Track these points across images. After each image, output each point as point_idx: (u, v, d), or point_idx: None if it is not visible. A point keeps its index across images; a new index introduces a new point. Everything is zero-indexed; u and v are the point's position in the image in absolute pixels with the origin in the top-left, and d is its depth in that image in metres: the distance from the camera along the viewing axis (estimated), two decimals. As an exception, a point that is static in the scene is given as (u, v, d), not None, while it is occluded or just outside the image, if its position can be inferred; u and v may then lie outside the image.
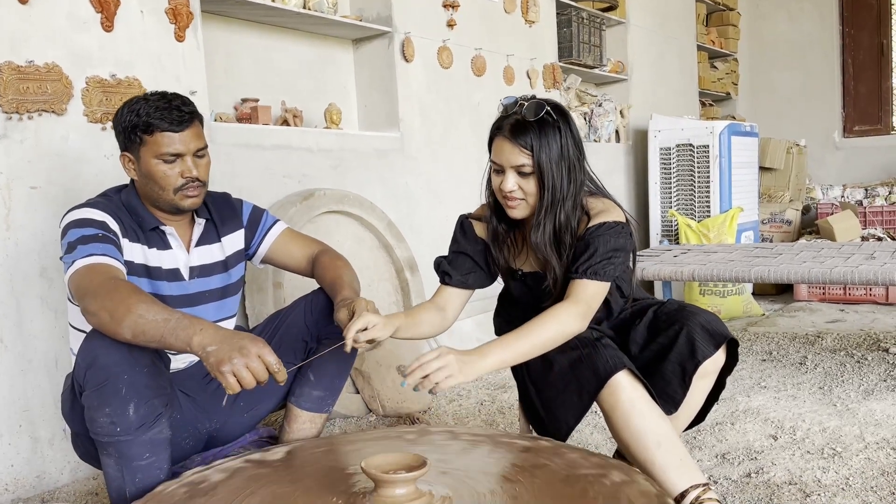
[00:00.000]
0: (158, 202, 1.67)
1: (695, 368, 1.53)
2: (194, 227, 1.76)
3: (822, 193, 5.74)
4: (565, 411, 1.50)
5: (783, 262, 2.72)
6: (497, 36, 3.81)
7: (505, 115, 1.56)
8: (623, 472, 1.35)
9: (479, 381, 3.09)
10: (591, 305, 1.53)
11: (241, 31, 2.97)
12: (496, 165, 1.56)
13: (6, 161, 2.05)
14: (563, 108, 1.56)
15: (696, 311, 1.58)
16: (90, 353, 1.46)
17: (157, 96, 1.64)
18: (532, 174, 1.52)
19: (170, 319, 1.39)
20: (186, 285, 1.73)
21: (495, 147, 1.56)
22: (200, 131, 1.68)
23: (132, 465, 1.48)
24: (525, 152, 1.50)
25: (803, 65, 6.35)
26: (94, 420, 1.46)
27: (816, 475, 1.92)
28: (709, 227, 4.21)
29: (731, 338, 1.58)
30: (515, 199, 1.55)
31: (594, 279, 1.52)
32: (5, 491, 2.05)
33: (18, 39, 2.06)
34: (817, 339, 3.40)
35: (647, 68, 5.14)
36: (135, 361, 1.45)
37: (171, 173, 1.63)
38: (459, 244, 1.73)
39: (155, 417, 1.49)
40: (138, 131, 1.62)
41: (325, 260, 1.86)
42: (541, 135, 1.50)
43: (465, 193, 3.59)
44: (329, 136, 3.02)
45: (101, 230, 1.57)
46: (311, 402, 1.81)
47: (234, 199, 1.88)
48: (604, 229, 1.55)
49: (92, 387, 1.45)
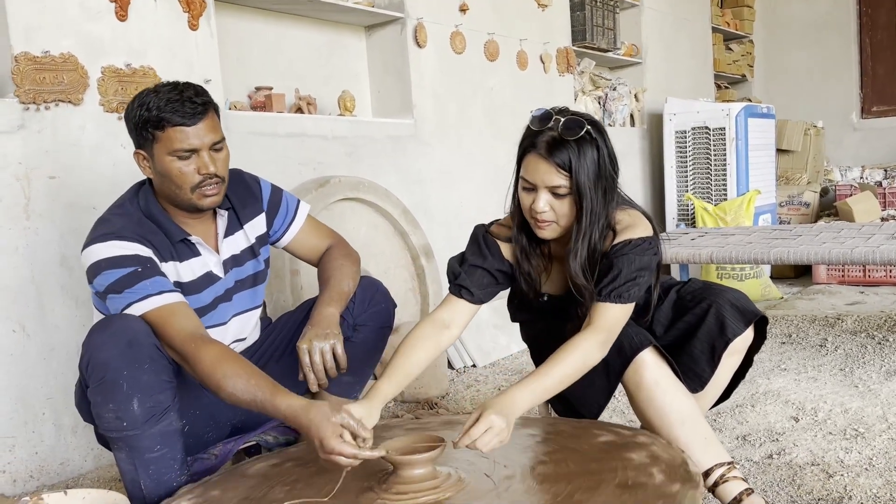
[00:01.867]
0: (176, 201, 1.59)
1: (725, 346, 1.52)
2: (217, 219, 1.69)
3: (841, 175, 5.68)
4: (594, 392, 1.49)
5: (802, 244, 2.69)
6: (510, 20, 3.78)
7: (538, 129, 1.43)
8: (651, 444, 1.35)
9: (495, 367, 3.09)
10: (612, 331, 1.45)
11: (253, 19, 2.96)
12: (527, 183, 1.44)
13: (24, 151, 2.06)
14: (599, 123, 1.47)
15: (723, 289, 1.57)
16: (90, 350, 1.44)
17: (167, 87, 1.54)
18: (567, 196, 1.42)
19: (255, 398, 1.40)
20: (224, 282, 1.69)
21: (528, 164, 1.43)
22: (216, 123, 1.57)
23: (144, 457, 1.47)
24: (562, 173, 1.40)
25: (820, 45, 6.26)
26: (101, 416, 1.46)
27: (839, 456, 1.91)
28: (726, 210, 4.18)
29: (762, 315, 1.56)
30: (547, 221, 1.45)
31: (617, 302, 1.44)
32: (30, 478, 2.08)
33: (33, 30, 2.07)
34: (837, 322, 3.37)
35: (661, 51, 5.09)
36: (134, 357, 1.42)
37: (188, 170, 1.53)
38: (485, 259, 1.60)
39: (162, 411, 1.47)
40: (149, 127, 1.51)
41: (329, 257, 1.82)
42: (579, 154, 1.39)
43: (479, 178, 3.58)
44: (343, 123, 3.02)
45: (139, 266, 1.50)
46: (340, 388, 1.78)
47: (248, 176, 1.79)
48: (629, 248, 1.46)
49: (94, 382, 1.44)
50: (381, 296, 1.83)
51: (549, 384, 1.38)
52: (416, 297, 3.10)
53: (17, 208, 2.05)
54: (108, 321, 1.48)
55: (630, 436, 1.42)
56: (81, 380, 1.52)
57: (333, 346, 1.59)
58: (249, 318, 1.80)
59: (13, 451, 2.05)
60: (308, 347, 1.57)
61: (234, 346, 1.75)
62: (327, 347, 1.58)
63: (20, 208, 2.05)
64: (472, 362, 3.14)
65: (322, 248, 1.85)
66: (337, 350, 1.59)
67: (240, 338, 1.78)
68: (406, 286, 3.08)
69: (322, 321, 1.62)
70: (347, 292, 1.73)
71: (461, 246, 1.74)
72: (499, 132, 3.71)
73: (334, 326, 1.62)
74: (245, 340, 1.80)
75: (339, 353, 1.59)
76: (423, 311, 3.08)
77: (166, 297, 1.50)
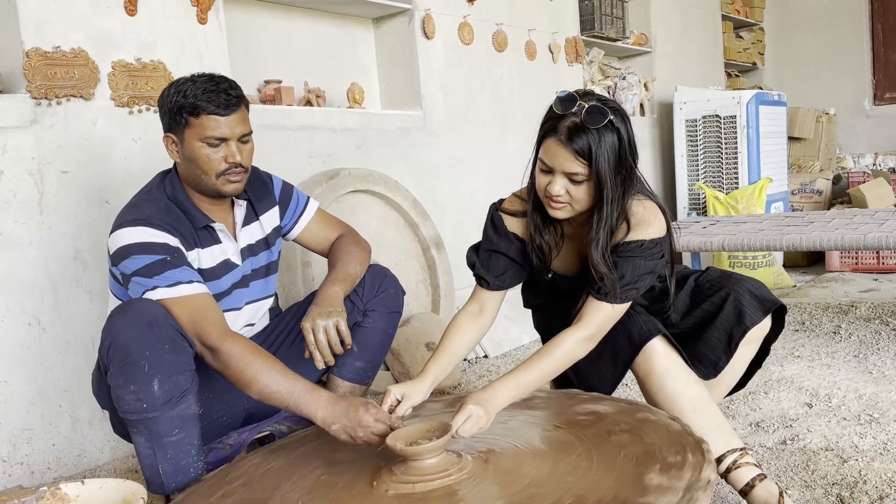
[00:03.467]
0: (200, 185, 1.64)
1: (742, 334, 1.52)
2: (235, 209, 1.75)
3: (853, 162, 5.63)
4: (600, 380, 1.49)
5: (815, 230, 2.67)
6: (518, 10, 3.77)
7: (561, 113, 1.40)
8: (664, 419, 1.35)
9: (507, 358, 3.09)
10: (602, 330, 1.46)
11: (260, 12, 2.97)
12: (545, 166, 1.44)
13: (37, 146, 2.07)
14: (623, 110, 1.44)
15: (741, 278, 1.57)
16: (111, 332, 1.47)
17: (204, 78, 1.60)
18: (584, 182, 1.41)
19: (292, 392, 1.45)
20: (241, 269, 1.74)
21: (548, 148, 1.42)
22: (246, 116, 1.64)
23: (162, 441, 1.50)
24: (581, 161, 1.38)
25: (831, 32, 6.21)
26: (121, 398, 1.48)
27: (853, 441, 1.90)
28: (737, 198, 4.15)
29: (781, 304, 1.56)
30: (561, 202, 1.44)
31: (613, 303, 1.44)
32: (48, 469, 2.10)
33: (44, 25, 2.08)
34: (851, 309, 3.35)
35: (670, 40, 5.05)
36: (155, 338, 1.45)
37: (215, 157, 1.59)
38: (492, 242, 1.61)
39: (181, 393, 1.49)
40: (184, 113, 1.57)
41: (337, 245, 1.87)
42: (600, 142, 1.37)
43: (488, 169, 3.58)
44: (352, 115, 3.02)
45: (167, 254, 1.54)
46: (354, 373, 1.83)
47: (263, 172, 1.86)
48: (639, 251, 1.45)
49: (116, 365, 1.46)
50: (390, 282, 1.87)
51: (531, 379, 1.42)
52: (427, 288, 3.11)
53: (30, 203, 2.06)
54: (127, 305, 1.51)
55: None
56: (101, 365, 1.55)
57: (337, 324, 1.62)
58: (261, 307, 1.85)
59: (31, 443, 2.07)
60: (311, 326, 1.60)
61: (243, 332, 1.80)
62: (330, 325, 1.61)
63: (34, 203, 2.07)
64: (484, 353, 3.14)
65: (332, 238, 1.90)
66: (340, 327, 1.62)
67: (249, 323, 1.82)
68: (417, 277, 3.08)
69: (325, 300, 1.65)
70: (353, 274, 1.77)
71: (471, 236, 1.74)
72: (507, 123, 3.70)
73: (337, 304, 1.65)
74: (254, 326, 1.85)
75: (343, 330, 1.62)
76: (435, 302, 3.08)
77: (196, 286, 1.55)
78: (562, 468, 1.20)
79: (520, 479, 1.19)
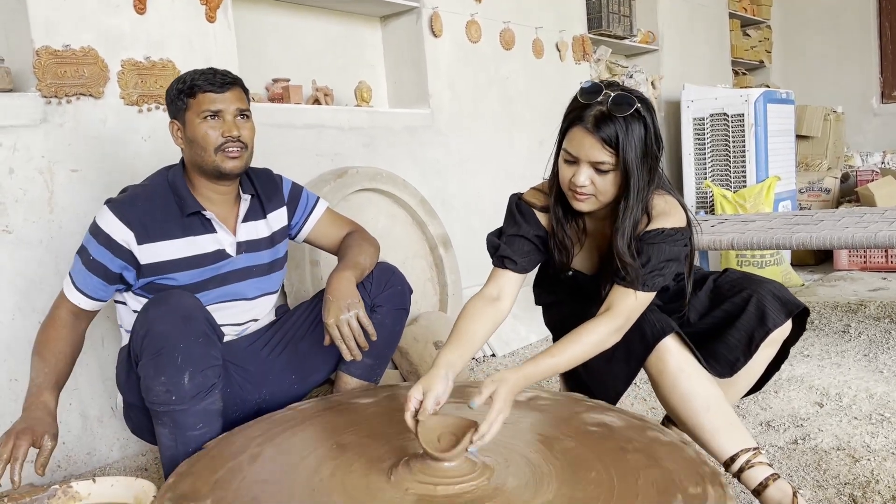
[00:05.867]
0: (203, 166, 1.68)
1: (764, 336, 1.51)
2: (240, 203, 1.78)
3: (861, 160, 5.61)
4: (613, 378, 1.49)
5: (825, 228, 2.66)
6: (525, 8, 3.76)
7: (586, 103, 1.39)
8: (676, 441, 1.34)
9: (514, 357, 3.09)
10: (630, 318, 1.44)
11: (269, 11, 2.97)
12: (569, 156, 1.42)
13: (47, 145, 2.08)
14: (648, 100, 1.43)
15: (763, 280, 1.56)
16: (146, 323, 1.50)
17: (205, 68, 1.70)
18: (609, 172, 1.40)
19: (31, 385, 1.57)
20: (234, 261, 1.75)
21: (573, 137, 1.40)
22: (243, 96, 1.70)
23: (186, 434, 1.52)
24: (608, 150, 1.37)
25: (839, 29, 6.18)
26: (151, 389, 1.50)
27: (865, 440, 1.89)
28: (745, 197, 4.14)
29: (804, 307, 1.55)
30: (585, 193, 1.43)
31: (639, 290, 1.43)
32: (58, 467, 2.11)
33: (54, 24, 2.08)
34: (860, 308, 3.34)
35: (677, 38, 5.04)
36: (189, 331, 1.49)
37: (213, 133, 1.65)
38: (520, 227, 1.58)
39: (209, 388, 1.52)
40: (183, 95, 1.66)
41: (347, 240, 1.90)
42: (627, 131, 1.36)
43: (495, 167, 3.57)
44: (360, 113, 3.02)
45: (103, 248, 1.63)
46: (362, 370, 1.84)
47: (275, 174, 1.89)
48: (661, 237, 1.45)
49: (148, 356, 1.49)
50: (397, 279, 1.88)
51: (560, 364, 1.39)
52: (434, 287, 3.10)
53: (40, 202, 2.07)
54: (163, 297, 1.55)
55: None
56: (132, 354, 1.57)
57: (357, 316, 1.65)
58: (266, 302, 1.87)
59: (41, 442, 2.07)
60: (335, 322, 1.63)
61: (248, 325, 1.84)
62: (352, 317, 1.64)
63: (44, 202, 2.07)
64: (492, 352, 3.14)
65: (342, 236, 1.93)
66: (361, 318, 1.65)
67: (254, 318, 1.85)
68: (424, 276, 3.08)
69: (340, 291, 1.67)
70: (363, 264, 1.79)
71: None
72: (515, 121, 3.69)
73: (353, 295, 1.67)
74: (259, 321, 1.87)
75: (365, 321, 1.65)
76: (442, 300, 3.08)
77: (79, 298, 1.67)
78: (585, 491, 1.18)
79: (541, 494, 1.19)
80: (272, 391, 1.83)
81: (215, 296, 1.74)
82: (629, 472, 1.22)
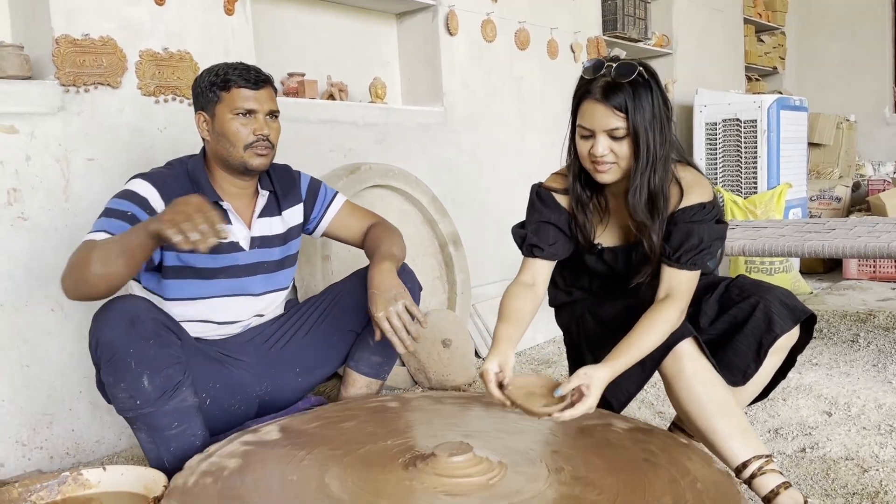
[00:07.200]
0: (228, 160, 1.69)
1: (771, 342, 1.51)
2: (258, 199, 1.78)
3: (873, 170, 5.59)
4: (627, 379, 1.49)
5: (837, 237, 2.66)
6: (541, 9, 3.75)
7: (590, 77, 1.47)
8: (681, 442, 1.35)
9: (521, 357, 3.09)
10: (687, 299, 1.50)
11: (286, 5, 2.97)
12: (585, 130, 1.49)
13: (64, 133, 2.08)
14: (651, 67, 1.49)
15: (772, 287, 1.56)
16: (95, 332, 1.48)
17: (236, 62, 1.72)
18: (625, 137, 1.46)
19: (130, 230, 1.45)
20: (246, 255, 1.76)
21: (585, 111, 1.48)
22: (273, 96, 1.72)
23: (163, 434, 1.51)
24: (619, 115, 1.44)
25: (853, 38, 6.16)
26: (115, 397, 1.49)
27: (874, 451, 1.89)
28: (756, 203, 4.13)
29: (811, 314, 1.55)
30: (606, 163, 1.48)
31: (692, 270, 1.49)
32: (66, 455, 2.12)
33: (74, 13, 2.09)
34: (869, 317, 3.33)
35: (692, 42, 5.03)
36: (138, 334, 1.46)
37: (244, 130, 1.66)
38: (542, 213, 1.63)
39: (174, 386, 1.50)
40: (216, 88, 1.67)
41: (373, 232, 1.90)
42: (634, 96, 1.43)
43: (507, 167, 3.57)
44: (374, 110, 3.02)
45: (137, 208, 1.59)
46: (370, 367, 1.84)
47: (293, 170, 1.90)
48: (703, 213, 1.51)
49: (104, 364, 1.47)
50: (407, 277, 1.89)
51: (641, 354, 1.43)
52: (443, 285, 3.10)
53: (56, 189, 2.08)
54: (109, 303, 1.51)
55: None
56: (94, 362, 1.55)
57: (406, 305, 1.65)
58: (274, 298, 1.88)
59: (51, 428, 2.08)
60: (385, 314, 1.62)
61: (254, 320, 1.84)
62: (401, 308, 1.64)
63: (59, 189, 2.08)
64: (499, 351, 3.14)
65: (364, 228, 1.94)
66: (410, 307, 1.65)
67: (259, 314, 1.86)
68: (434, 274, 3.08)
69: (384, 283, 1.67)
70: (398, 255, 1.80)
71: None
72: (528, 122, 3.69)
73: (397, 285, 1.68)
74: (264, 316, 1.88)
75: (413, 309, 1.65)
76: (451, 299, 3.08)
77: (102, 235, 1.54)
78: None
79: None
80: (275, 383, 1.83)
81: (222, 288, 1.74)
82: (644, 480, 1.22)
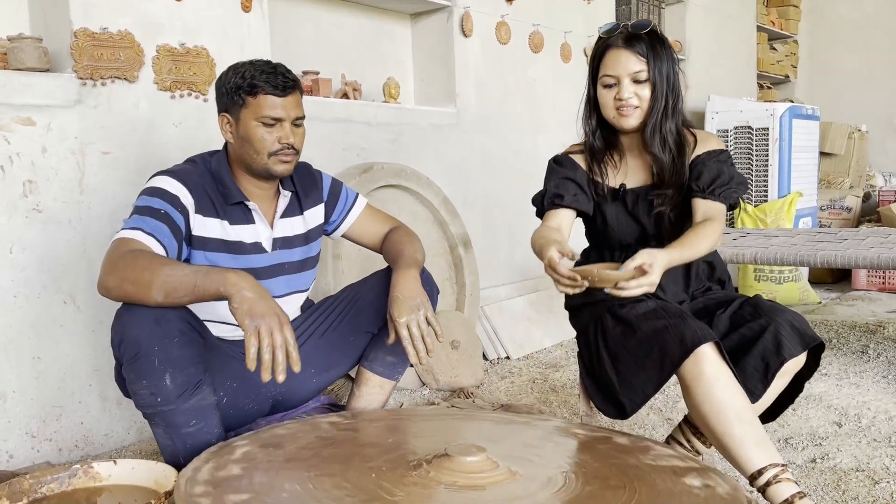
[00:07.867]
0: (252, 165, 1.66)
1: (779, 365, 1.49)
2: (279, 199, 1.76)
3: (884, 180, 5.57)
4: (644, 380, 1.48)
5: (849, 248, 2.65)
6: (555, 12, 3.75)
7: (610, 33, 1.65)
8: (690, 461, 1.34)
9: (529, 360, 3.08)
10: (723, 223, 1.63)
11: (301, 3, 2.97)
12: (610, 78, 1.63)
13: (80, 126, 2.09)
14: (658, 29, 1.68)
15: (785, 310, 1.54)
16: (120, 329, 1.47)
17: (262, 62, 1.65)
18: (646, 81, 1.62)
19: (199, 270, 1.41)
20: (269, 257, 1.74)
21: (608, 59, 1.64)
22: (300, 101, 1.68)
23: (181, 432, 1.51)
24: (641, 58, 1.61)
25: (866, 47, 6.13)
26: (136, 393, 1.49)
27: (885, 462, 1.88)
28: (766, 211, 4.12)
29: (820, 341, 1.53)
30: (631, 106, 1.62)
31: (724, 202, 1.63)
32: (75, 447, 2.12)
33: (93, 7, 2.09)
34: (878, 329, 3.32)
35: (704, 48, 5.02)
36: (163, 333, 1.44)
37: (269, 137, 1.63)
38: (560, 172, 1.75)
39: (195, 385, 1.49)
40: (242, 93, 1.62)
41: (394, 236, 1.88)
42: (651, 44, 1.61)
43: (519, 169, 3.57)
44: (387, 109, 3.02)
45: (168, 206, 1.56)
46: (384, 367, 1.83)
47: (315, 170, 1.88)
48: (725, 155, 1.68)
49: (127, 361, 1.47)
50: (426, 280, 1.86)
51: (694, 253, 1.53)
52: (453, 286, 3.10)
53: (71, 182, 2.08)
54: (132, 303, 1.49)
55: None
56: (115, 359, 1.55)
57: (426, 315, 1.64)
58: (295, 300, 1.86)
59: (60, 420, 2.09)
60: (406, 321, 1.61)
61: None
62: (421, 317, 1.63)
63: (75, 182, 2.09)
64: (506, 354, 3.14)
65: (383, 232, 1.92)
66: (430, 318, 1.64)
67: None
68: (443, 276, 3.08)
69: (409, 290, 1.66)
70: (420, 262, 1.78)
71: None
72: (539, 124, 3.69)
73: (421, 294, 1.66)
74: None
75: (434, 321, 1.64)
76: (460, 300, 3.08)
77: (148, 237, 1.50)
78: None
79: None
80: (289, 383, 1.81)
81: None
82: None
